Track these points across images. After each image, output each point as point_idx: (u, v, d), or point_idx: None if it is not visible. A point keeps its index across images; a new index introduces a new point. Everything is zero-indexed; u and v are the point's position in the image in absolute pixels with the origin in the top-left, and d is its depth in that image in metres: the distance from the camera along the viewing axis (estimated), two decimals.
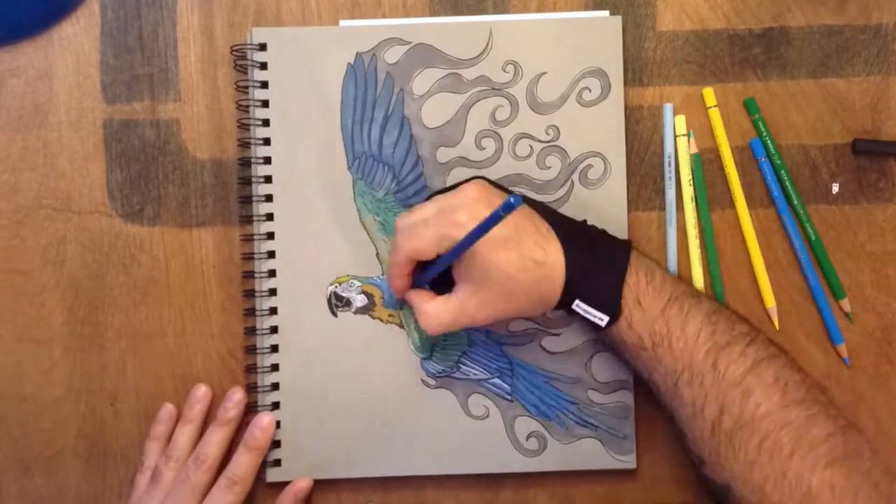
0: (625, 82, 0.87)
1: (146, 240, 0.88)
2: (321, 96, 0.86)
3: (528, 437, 0.86)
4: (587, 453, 0.86)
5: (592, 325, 0.78)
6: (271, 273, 0.86)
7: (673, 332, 0.76)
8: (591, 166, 0.86)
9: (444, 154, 0.86)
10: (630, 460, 0.86)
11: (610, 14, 0.88)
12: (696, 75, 0.88)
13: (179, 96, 0.88)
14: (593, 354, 0.86)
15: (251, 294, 0.86)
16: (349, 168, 0.86)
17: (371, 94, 0.86)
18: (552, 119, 0.86)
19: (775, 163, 0.87)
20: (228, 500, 0.83)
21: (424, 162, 0.86)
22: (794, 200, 0.87)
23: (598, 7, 0.88)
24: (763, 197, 0.88)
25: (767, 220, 0.88)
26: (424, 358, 0.86)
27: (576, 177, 0.86)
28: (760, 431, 0.73)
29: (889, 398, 0.88)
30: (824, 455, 0.72)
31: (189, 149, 0.88)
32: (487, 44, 0.86)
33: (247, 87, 0.87)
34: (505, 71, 0.86)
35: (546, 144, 0.86)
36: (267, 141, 0.86)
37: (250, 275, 0.87)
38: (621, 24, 0.87)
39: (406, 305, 0.85)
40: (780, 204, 0.87)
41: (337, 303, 0.86)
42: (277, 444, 0.86)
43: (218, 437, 0.85)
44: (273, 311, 0.86)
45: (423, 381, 0.86)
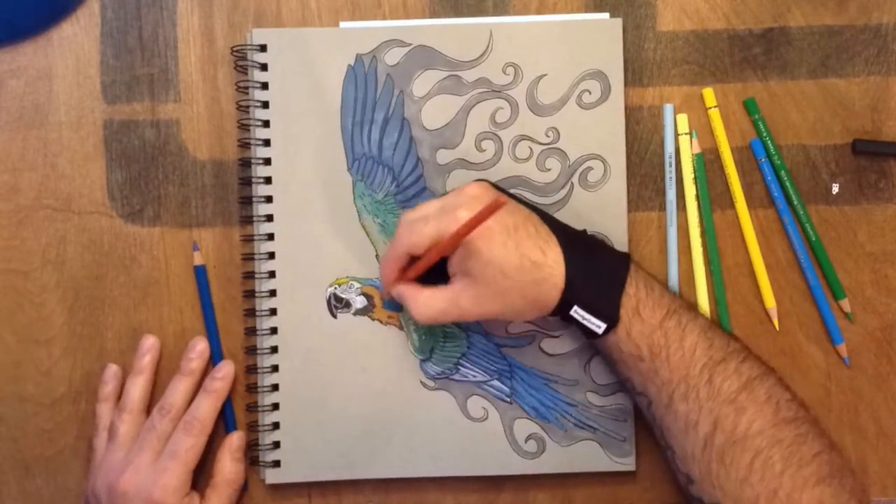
0: (625, 83, 0.87)
1: (146, 240, 0.88)
2: (321, 97, 0.86)
3: (526, 440, 0.86)
4: (586, 455, 0.86)
5: (588, 333, 0.78)
6: (271, 274, 0.86)
7: (671, 344, 0.76)
8: (590, 169, 0.86)
9: (444, 156, 0.86)
10: (628, 462, 0.86)
11: (610, 15, 0.87)
12: (696, 76, 0.88)
13: (179, 97, 0.88)
14: (592, 357, 0.86)
15: (251, 294, 0.87)
16: (349, 169, 0.86)
17: (371, 95, 0.86)
18: (552, 121, 0.86)
19: (775, 163, 0.87)
20: (188, 442, 0.83)
21: (424, 164, 0.86)
22: (794, 201, 0.87)
23: (599, 8, 0.88)
24: (763, 197, 0.88)
25: (767, 220, 0.88)
26: (424, 359, 0.86)
27: (575, 179, 0.86)
28: (752, 449, 0.74)
29: (889, 398, 0.88)
30: (813, 473, 0.73)
31: (189, 149, 0.88)
32: (487, 46, 0.86)
33: (247, 87, 0.87)
34: (505, 73, 0.86)
35: (546, 147, 0.86)
36: (267, 142, 0.86)
37: (251, 275, 0.87)
38: (622, 27, 0.87)
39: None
40: (780, 204, 0.87)
41: (336, 304, 0.86)
42: (276, 444, 0.86)
43: (182, 387, 0.85)
44: (273, 312, 0.86)
45: (422, 382, 0.86)
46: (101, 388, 0.87)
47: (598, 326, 0.77)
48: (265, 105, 0.86)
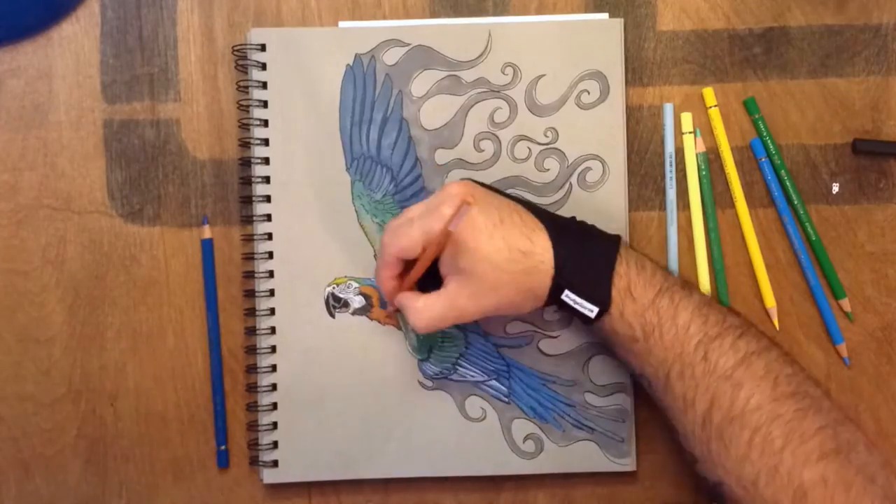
0: (625, 82, 0.87)
1: (146, 240, 0.88)
2: (320, 97, 0.86)
3: (524, 440, 0.86)
4: (584, 456, 0.86)
5: (583, 318, 0.77)
6: (270, 274, 0.86)
7: (664, 323, 0.76)
8: (589, 169, 0.86)
9: (443, 156, 0.86)
10: (627, 463, 0.86)
11: (610, 15, 0.87)
12: (697, 75, 0.88)
13: (179, 96, 0.88)
14: (590, 357, 0.86)
15: (252, 294, 0.87)
16: (347, 169, 0.86)
17: (370, 95, 0.86)
18: (551, 121, 0.86)
19: (775, 163, 0.87)
20: None
21: (423, 163, 0.86)
22: (795, 200, 0.87)
23: (598, 8, 0.88)
24: (763, 197, 0.88)
25: (767, 220, 0.88)
26: (422, 360, 0.86)
27: (574, 179, 0.86)
28: (751, 425, 0.73)
29: (889, 398, 0.88)
30: (816, 448, 0.72)
31: (189, 149, 0.88)
32: (486, 46, 0.86)
33: (247, 87, 0.87)
34: (504, 73, 0.86)
35: (544, 147, 0.86)
36: (266, 141, 0.86)
37: (251, 275, 0.87)
38: (622, 27, 0.87)
39: None
40: (780, 204, 0.87)
41: (335, 304, 0.86)
42: (275, 444, 0.86)
43: None
44: (272, 311, 0.86)
45: (420, 382, 0.86)
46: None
47: (590, 311, 0.76)
48: (265, 104, 0.86)
